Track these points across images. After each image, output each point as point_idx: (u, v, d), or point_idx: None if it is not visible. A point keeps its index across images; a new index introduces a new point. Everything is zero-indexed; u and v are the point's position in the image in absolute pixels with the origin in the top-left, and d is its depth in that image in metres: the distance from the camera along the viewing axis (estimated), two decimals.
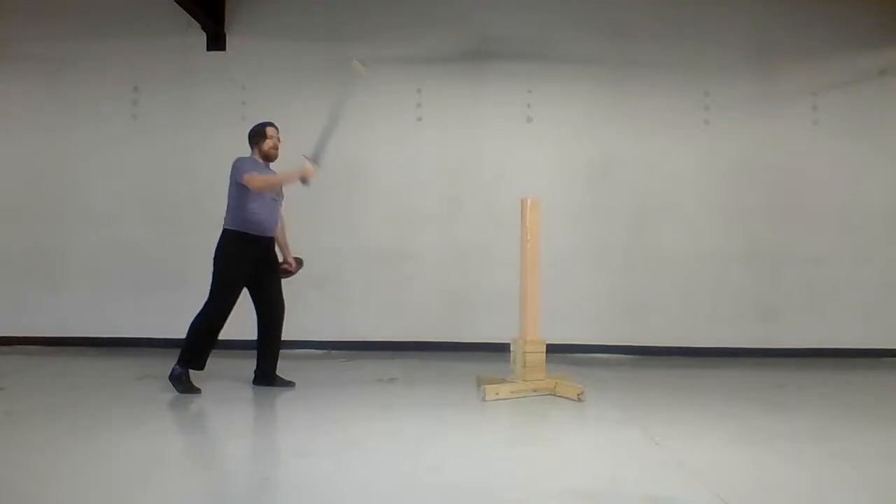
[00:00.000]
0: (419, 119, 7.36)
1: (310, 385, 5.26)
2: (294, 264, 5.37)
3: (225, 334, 5.23)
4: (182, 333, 5.11)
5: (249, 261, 5.07)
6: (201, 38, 7.33)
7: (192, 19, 7.05)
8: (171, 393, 4.89)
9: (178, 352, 5.05)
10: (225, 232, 5.09)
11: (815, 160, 7.28)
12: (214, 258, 5.09)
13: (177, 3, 6.63)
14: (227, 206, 5.12)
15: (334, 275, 7.19)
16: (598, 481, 3.18)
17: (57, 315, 7.23)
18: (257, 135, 5.24)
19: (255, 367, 5.26)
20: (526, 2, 7.38)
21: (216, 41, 7.35)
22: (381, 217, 7.31)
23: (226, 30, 7.37)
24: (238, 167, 5.07)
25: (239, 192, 5.04)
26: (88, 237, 7.33)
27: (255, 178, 5.00)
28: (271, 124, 5.28)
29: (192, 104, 7.36)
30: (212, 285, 5.07)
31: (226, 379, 5.35)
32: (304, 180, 5.00)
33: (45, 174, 7.39)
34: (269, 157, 5.23)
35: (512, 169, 7.20)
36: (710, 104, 7.32)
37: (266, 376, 5.20)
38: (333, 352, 7.00)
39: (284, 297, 5.27)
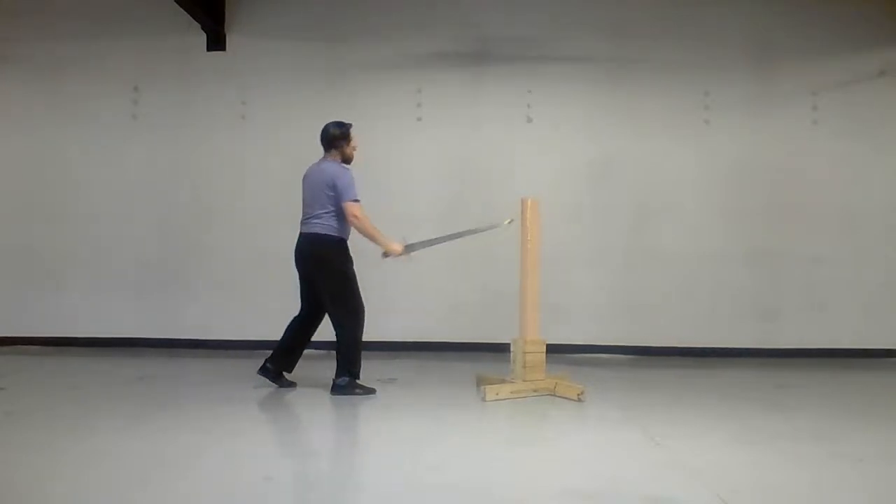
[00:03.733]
0: (419, 119, 7.36)
1: (310, 385, 5.25)
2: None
3: (227, 335, 5.24)
4: (182, 333, 5.10)
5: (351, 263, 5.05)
6: (201, 38, 7.32)
7: (192, 19, 7.05)
8: (171, 393, 4.90)
9: (176, 352, 5.04)
10: (330, 239, 4.97)
11: (815, 160, 7.27)
12: (325, 268, 4.97)
13: (177, 3, 6.62)
14: (321, 213, 4.98)
15: None
16: (598, 481, 3.18)
17: (57, 315, 7.22)
18: (342, 137, 5.08)
19: (268, 357, 5.15)
20: (526, 2, 7.38)
21: (216, 41, 7.35)
22: (381, 217, 7.23)
23: (226, 30, 7.36)
24: (346, 180, 4.94)
25: (338, 200, 4.95)
26: (88, 237, 7.32)
27: (361, 214, 4.93)
28: (351, 125, 5.15)
29: (192, 104, 7.36)
30: (338, 296, 4.96)
31: (227, 379, 5.35)
32: (386, 254, 5.05)
33: (45, 174, 7.39)
34: (349, 161, 5.13)
35: (512, 169, 7.19)
36: (710, 104, 7.31)
37: (277, 372, 5.12)
38: (334, 352, 6.98)
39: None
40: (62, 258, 7.33)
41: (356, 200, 4.96)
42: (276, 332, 5.31)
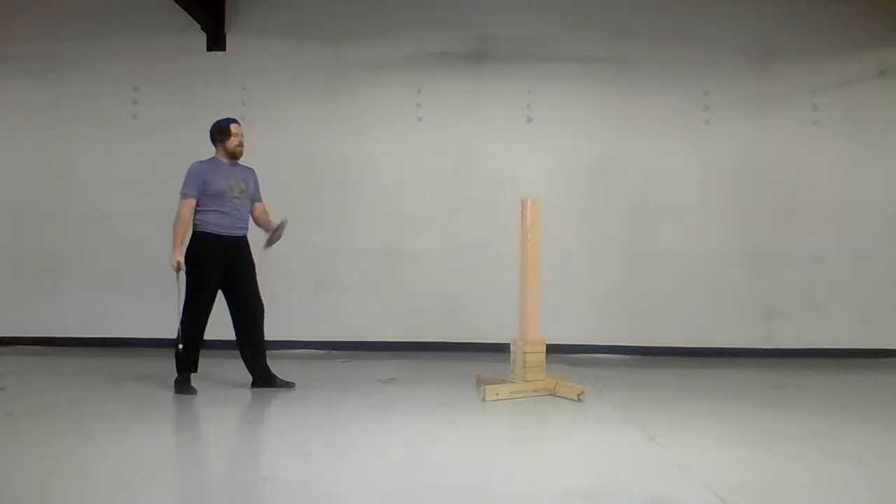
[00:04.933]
0: (419, 119, 7.36)
1: (309, 385, 5.26)
2: (275, 226, 5.20)
3: (226, 335, 5.18)
4: None
5: (218, 262, 4.97)
6: (201, 38, 7.33)
7: (192, 19, 7.05)
8: (171, 393, 4.90)
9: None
10: (192, 234, 4.97)
11: (815, 160, 7.28)
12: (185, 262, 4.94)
13: (177, 3, 6.63)
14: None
15: (334, 275, 7.19)
16: (598, 481, 3.19)
17: (57, 315, 7.23)
18: (219, 133, 5.10)
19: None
20: (526, 2, 7.38)
21: (216, 41, 7.35)
22: (381, 217, 7.31)
23: (226, 30, 7.36)
24: (187, 173, 4.97)
25: (200, 195, 4.95)
26: (88, 237, 7.32)
27: (180, 210, 4.91)
28: (234, 121, 5.15)
29: (192, 104, 7.35)
30: (186, 293, 4.94)
31: (226, 379, 5.35)
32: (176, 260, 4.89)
33: (45, 174, 7.39)
34: (235, 156, 5.12)
35: (512, 169, 7.19)
36: (710, 104, 7.31)
37: (261, 378, 5.16)
38: (333, 352, 6.99)
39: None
40: (62, 258, 7.33)
41: (184, 195, 4.95)
42: (274, 333, 5.36)
